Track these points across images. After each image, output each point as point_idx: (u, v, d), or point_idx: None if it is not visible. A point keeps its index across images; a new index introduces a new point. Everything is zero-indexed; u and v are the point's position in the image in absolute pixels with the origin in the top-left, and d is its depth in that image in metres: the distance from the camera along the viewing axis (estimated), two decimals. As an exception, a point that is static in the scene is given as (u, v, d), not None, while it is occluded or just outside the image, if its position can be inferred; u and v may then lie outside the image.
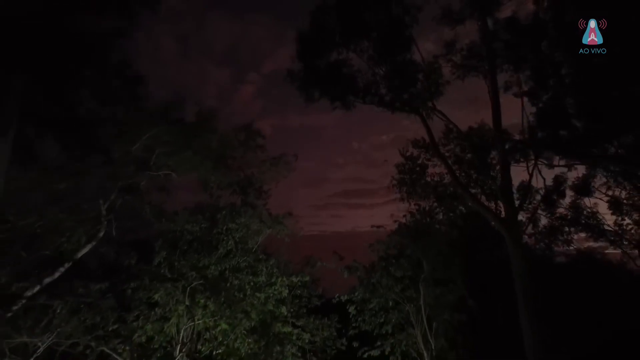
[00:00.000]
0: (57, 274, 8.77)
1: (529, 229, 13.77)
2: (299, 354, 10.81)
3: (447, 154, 12.94)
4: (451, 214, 13.55)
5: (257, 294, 9.93)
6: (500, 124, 10.01)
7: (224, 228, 11.10)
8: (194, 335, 8.05)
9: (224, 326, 8.56)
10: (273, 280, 10.74)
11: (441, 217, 13.91)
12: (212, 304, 8.62)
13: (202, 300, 8.57)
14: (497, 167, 11.58)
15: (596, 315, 13.54)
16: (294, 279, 11.26)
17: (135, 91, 9.34)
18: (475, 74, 11.16)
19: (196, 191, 12.48)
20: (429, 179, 13.15)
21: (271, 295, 10.24)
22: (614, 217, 16.22)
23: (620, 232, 16.23)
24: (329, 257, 12.85)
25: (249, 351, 8.70)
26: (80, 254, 9.20)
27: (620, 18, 7.81)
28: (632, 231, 15.80)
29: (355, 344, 11.46)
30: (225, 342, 8.53)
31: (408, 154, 13.20)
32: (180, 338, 7.90)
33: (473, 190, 12.82)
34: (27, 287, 8.31)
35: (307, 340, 11.11)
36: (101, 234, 9.27)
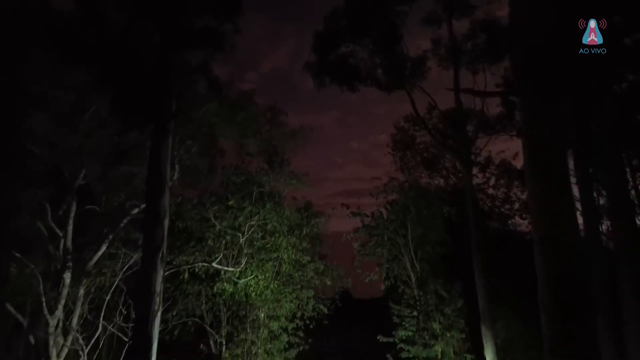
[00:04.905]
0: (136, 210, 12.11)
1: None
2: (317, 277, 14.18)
3: (431, 128, 16.41)
4: (435, 176, 17.01)
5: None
6: (462, 106, 13.64)
7: (259, 182, 14.49)
8: (252, 231, 11.44)
9: (275, 223, 11.98)
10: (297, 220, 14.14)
11: (428, 180, 17.40)
12: (268, 204, 12.11)
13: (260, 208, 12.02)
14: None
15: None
16: (313, 221, 14.68)
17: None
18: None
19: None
20: (416, 147, 16.70)
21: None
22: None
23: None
24: (329, 255, 16.04)
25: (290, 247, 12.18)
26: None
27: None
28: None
29: (358, 271, 14.91)
30: (273, 239, 11.95)
31: (400, 126, 16.76)
32: (246, 230, 11.25)
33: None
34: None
35: (322, 269, 14.43)
36: (174, 179, 12.62)
